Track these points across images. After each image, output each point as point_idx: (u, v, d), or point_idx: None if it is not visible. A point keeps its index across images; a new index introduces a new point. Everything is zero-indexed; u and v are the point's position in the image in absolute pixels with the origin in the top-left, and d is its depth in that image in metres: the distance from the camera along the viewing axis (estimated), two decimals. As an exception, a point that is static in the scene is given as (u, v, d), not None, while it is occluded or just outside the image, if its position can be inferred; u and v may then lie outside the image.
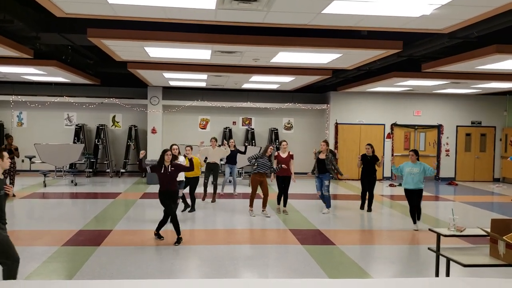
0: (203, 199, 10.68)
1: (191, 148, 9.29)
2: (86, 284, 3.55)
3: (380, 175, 15.46)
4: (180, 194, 8.70)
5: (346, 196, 12.45)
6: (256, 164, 9.10)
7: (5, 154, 4.66)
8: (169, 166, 7.04)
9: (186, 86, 15.49)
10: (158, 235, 7.28)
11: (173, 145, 8.38)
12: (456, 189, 14.52)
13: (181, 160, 8.36)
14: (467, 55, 8.45)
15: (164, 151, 7.08)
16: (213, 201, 10.75)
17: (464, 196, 13.00)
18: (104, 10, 5.75)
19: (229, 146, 11.11)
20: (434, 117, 16.27)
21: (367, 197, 9.91)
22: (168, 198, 7.10)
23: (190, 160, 7.82)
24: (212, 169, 10.64)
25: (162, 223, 7.31)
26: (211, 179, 10.85)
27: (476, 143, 16.50)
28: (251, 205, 9.29)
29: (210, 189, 10.90)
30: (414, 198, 8.22)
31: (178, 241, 6.97)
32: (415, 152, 8.22)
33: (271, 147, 9.31)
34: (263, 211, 9.25)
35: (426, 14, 5.59)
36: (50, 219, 8.80)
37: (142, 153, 7.51)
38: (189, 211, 9.43)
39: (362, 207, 10.04)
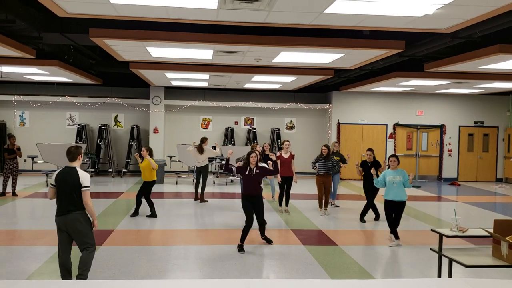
0: (201, 201, 10.67)
1: (147, 150, 8.82)
2: (87, 284, 3.54)
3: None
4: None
5: (348, 196, 12.42)
6: (317, 167, 9.18)
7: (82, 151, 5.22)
8: (255, 168, 6.68)
9: (188, 86, 15.50)
10: (240, 247, 6.66)
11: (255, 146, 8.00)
12: (459, 189, 14.48)
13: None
14: (470, 55, 8.42)
15: (249, 153, 6.73)
16: (202, 201, 10.66)
17: (466, 196, 12.96)
18: (106, 10, 5.75)
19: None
20: (436, 117, 16.24)
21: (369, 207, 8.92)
22: (251, 203, 6.66)
23: (263, 161, 7.07)
24: (201, 170, 10.60)
25: (245, 232, 6.69)
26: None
27: (479, 143, 16.46)
28: (320, 206, 9.39)
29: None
30: (394, 212, 7.12)
31: (268, 241, 6.97)
32: (397, 157, 7.23)
33: (323, 147, 9.19)
34: (325, 209, 9.43)
35: (429, 14, 5.57)
36: (52, 219, 8.71)
37: (230, 153, 7.14)
38: (133, 215, 8.91)
39: (362, 219, 8.94)
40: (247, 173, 6.65)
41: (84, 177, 4.91)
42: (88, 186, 4.95)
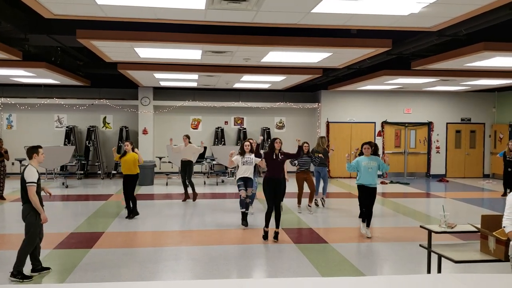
0: (184, 200, 10.76)
1: (131, 144, 9.02)
2: (78, 287, 3.52)
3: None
4: (249, 193, 8.27)
5: (338, 194, 12.49)
6: (297, 163, 9.47)
7: (40, 150, 5.54)
8: (279, 153, 7.28)
9: (177, 86, 15.44)
10: (266, 233, 7.29)
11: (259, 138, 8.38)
12: (447, 185, 14.65)
13: (251, 157, 8.16)
14: (456, 52, 8.52)
15: (273, 140, 7.37)
16: (194, 200, 10.83)
17: (454, 192, 13.11)
18: (92, 11, 5.71)
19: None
20: (424, 115, 16.39)
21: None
22: (273, 186, 7.17)
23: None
24: (186, 167, 10.85)
25: (268, 217, 7.28)
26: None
27: (466, 139, 16.66)
28: (299, 202, 9.69)
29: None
30: (367, 196, 7.39)
31: (276, 236, 7.23)
32: (371, 145, 7.48)
33: (305, 143, 9.47)
34: (309, 205, 9.61)
35: (415, 12, 5.63)
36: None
37: (261, 138, 7.87)
38: (128, 217, 8.73)
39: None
40: (274, 158, 7.25)
41: (29, 174, 5.17)
42: (32, 182, 5.15)
